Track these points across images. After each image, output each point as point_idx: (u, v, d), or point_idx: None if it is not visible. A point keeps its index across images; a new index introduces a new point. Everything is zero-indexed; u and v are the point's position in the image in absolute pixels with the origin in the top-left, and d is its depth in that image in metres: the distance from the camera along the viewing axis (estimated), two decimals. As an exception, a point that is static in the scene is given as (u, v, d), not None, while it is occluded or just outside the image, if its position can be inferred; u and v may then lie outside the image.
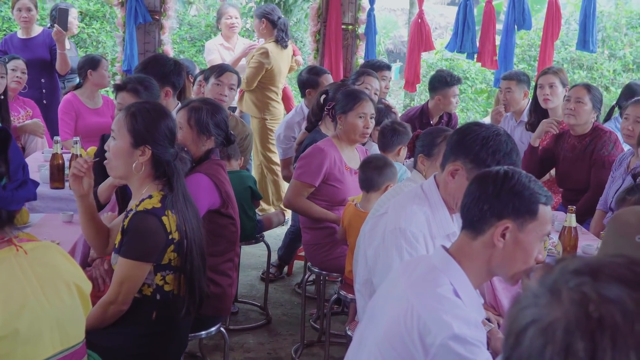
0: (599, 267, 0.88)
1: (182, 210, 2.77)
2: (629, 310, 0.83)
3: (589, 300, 0.85)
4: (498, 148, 2.57)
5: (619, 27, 11.33)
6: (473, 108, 10.93)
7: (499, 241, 1.99)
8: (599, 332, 0.83)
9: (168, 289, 2.79)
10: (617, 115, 5.58)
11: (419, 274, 2.04)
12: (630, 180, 4.12)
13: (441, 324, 1.84)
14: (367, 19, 7.32)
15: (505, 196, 2.00)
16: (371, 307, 2.18)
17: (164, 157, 2.78)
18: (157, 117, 2.81)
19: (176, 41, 10.74)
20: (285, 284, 5.62)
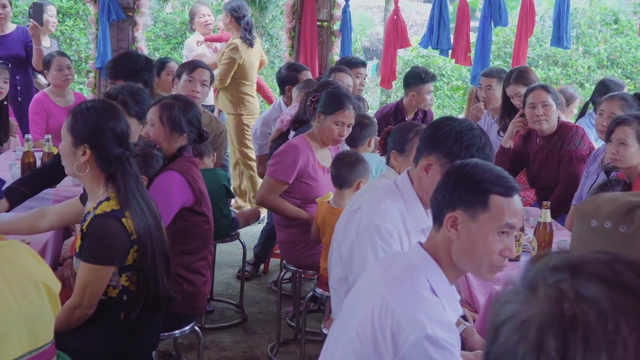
0: (579, 264, 0.86)
1: (137, 209, 2.70)
2: (603, 310, 0.81)
3: (564, 298, 0.83)
4: (472, 142, 2.55)
5: (593, 24, 11.41)
6: (449, 105, 10.96)
7: (449, 231, 1.99)
8: (571, 331, 0.81)
9: (134, 290, 2.75)
10: (591, 111, 5.60)
11: (395, 271, 2.02)
12: (604, 175, 4.14)
13: (415, 323, 1.82)
14: (342, 15, 7.30)
15: (454, 186, 2.01)
16: (347, 304, 2.16)
17: (106, 158, 2.71)
18: (98, 116, 2.73)
19: (150, 38, 10.67)
20: (261, 282, 5.59)
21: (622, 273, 0.83)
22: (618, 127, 3.73)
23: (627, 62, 10.91)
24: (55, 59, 5.56)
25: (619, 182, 3.78)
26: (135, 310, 2.72)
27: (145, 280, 2.73)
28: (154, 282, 2.74)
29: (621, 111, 4.16)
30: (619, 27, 11.43)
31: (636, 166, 3.74)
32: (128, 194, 2.69)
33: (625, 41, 11.07)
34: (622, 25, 11.41)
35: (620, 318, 0.80)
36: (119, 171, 2.71)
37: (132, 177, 2.74)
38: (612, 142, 3.74)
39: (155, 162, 3.38)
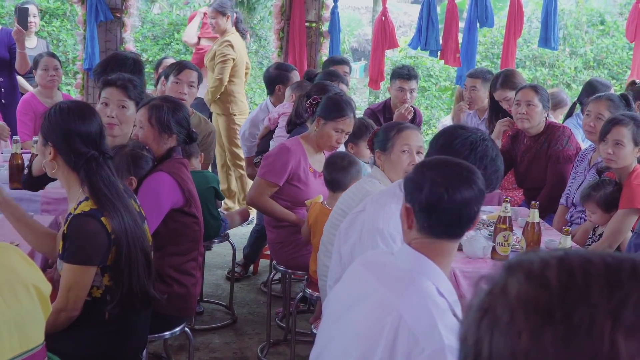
0: (523, 261, 0.88)
1: (110, 207, 2.69)
2: (509, 301, 0.83)
3: (490, 293, 0.87)
4: (485, 153, 2.61)
5: (580, 25, 11.47)
6: (437, 105, 10.98)
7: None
8: (483, 322, 0.85)
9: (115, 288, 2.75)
10: (578, 112, 5.64)
11: (399, 280, 1.99)
12: (592, 175, 4.17)
13: (432, 335, 1.80)
14: (330, 16, 7.32)
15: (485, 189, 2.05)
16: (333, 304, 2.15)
17: (69, 157, 2.72)
18: (62, 117, 2.74)
19: (138, 39, 10.64)
20: (251, 283, 5.59)
21: (549, 267, 0.85)
22: (614, 127, 3.75)
23: (613, 63, 10.98)
24: (43, 59, 5.56)
25: (611, 182, 3.81)
26: (110, 305, 2.71)
27: (119, 276, 2.72)
28: (128, 278, 2.73)
29: (608, 112, 4.19)
30: (605, 28, 11.49)
31: (628, 166, 3.77)
32: (97, 192, 2.69)
33: (612, 42, 11.13)
34: (608, 27, 11.48)
35: (519, 308, 0.82)
36: (83, 170, 2.72)
37: (101, 177, 2.72)
38: (607, 142, 3.76)
39: (145, 164, 3.38)
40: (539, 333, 0.80)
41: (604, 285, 0.81)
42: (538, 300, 0.82)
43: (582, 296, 0.81)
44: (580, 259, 0.85)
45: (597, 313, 0.79)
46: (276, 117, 5.32)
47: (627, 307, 0.79)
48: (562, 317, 0.80)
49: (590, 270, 0.83)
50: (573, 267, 0.84)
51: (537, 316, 0.81)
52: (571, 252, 0.88)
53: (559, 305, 0.81)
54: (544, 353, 0.79)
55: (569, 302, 0.81)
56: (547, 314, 0.81)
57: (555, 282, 0.83)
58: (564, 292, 0.81)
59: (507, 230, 3.33)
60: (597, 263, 0.84)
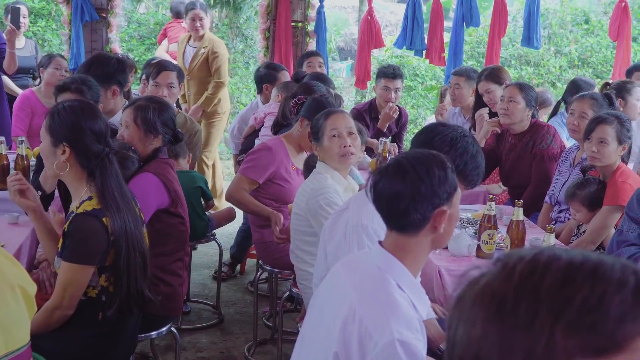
0: (513, 256, 0.90)
1: (114, 207, 2.71)
2: (475, 291, 0.88)
3: (470, 284, 0.90)
4: (466, 149, 2.65)
5: (565, 24, 11.54)
6: (423, 105, 11.02)
7: (441, 227, 2.03)
8: (455, 311, 0.90)
9: (113, 290, 2.75)
10: (562, 111, 5.68)
11: (362, 276, 2.04)
12: (577, 174, 4.20)
13: (384, 329, 1.84)
14: (317, 16, 7.33)
15: (439, 189, 2.02)
16: (315, 307, 2.17)
17: (85, 155, 2.73)
18: (74, 114, 2.75)
19: (124, 39, 10.61)
20: (238, 283, 5.60)
21: (522, 261, 0.87)
22: (599, 126, 3.78)
23: (597, 61, 11.05)
24: (56, 58, 5.56)
25: (595, 180, 3.84)
26: (110, 309, 2.72)
27: (117, 278, 2.73)
28: (126, 281, 2.74)
29: (591, 110, 4.23)
30: (589, 27, 11.57)
31: (612, 164, 3.80)
32: (106, 191, 2.71)
33: (596, 41, 11.21)
34: (592, 26, 11.55)
35: (479, 298, 0.86)
36: (99, 168, 2.74)
37: (113, 174, 2.75)
38: (591, 141, 3.79)
39: (131, 164, 3.38)
40: (490, 321, 0.84)
41: (557, 281, 0.83)
42: (497, 291, 0.85)
43: (533, 290, 0.83)
44: (550, 256, 0.87)
45: (542, 307, 0.82)
46: (262, 117, 5.34)
47: (572, 304, 0.81)
48: (511, 308, 0.83)
49: (550, 266, 0.85)
50: (538, 262, 0.86)
51: (491, 306, 0.85)
52: (549, 249, 0.89)
53: (511, 297, 0.84)
54: (491, 341, 0.83)
55: (520, 294, 0.83)
56: (500, 304, 0.84)
57: (517, 276, 0.85)
58: (519, 285, 0.84)
59: (492, 228, 3.36)
60: (563, 260, 0.86)
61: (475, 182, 2.74)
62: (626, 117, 3.90)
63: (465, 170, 2.66)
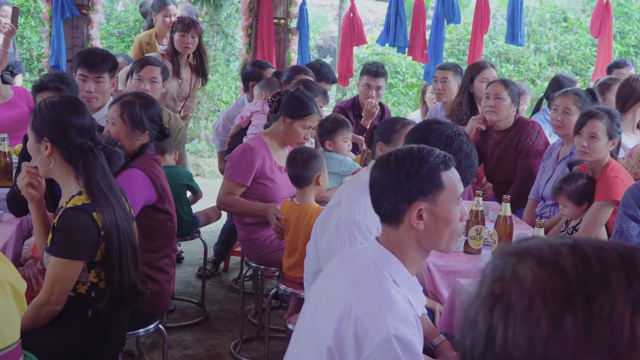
0: (530, 248, 0.88)
1: (103, 200, 2.68)
2: (525, 288, 0.83)
3: (500, 279, 0.87)
4: (460, 148, 2.65)
5: (544, 21, 11.62)
6: (404, 102, 11.05)
7: (418, 224, 2.01)
8: (496, 308, 0.85)
9: (103, 286, 2.73)
10: (545, 107, 5.72)
11: (358, 272, 2.04)
12: (561, 169, 4.22)
13: (379, 324, 1.84)
14: (299, 12, 7.32)
15: (405, 182, 2.02)
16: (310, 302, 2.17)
17: (67, 149, 2.71)
18: (55, 109, 2.74)
19: (104, 37, 10.52)
20: (222, 280, 5.58)
21: (561, 254, 0.85)
22: (589, 120, 3.79)
23: (576, 59, 11.14)
24: None
25: (582, 175, 3.86)
26: (102, 302, 2.70)
27: (109, 272, 2.71)
28: (119, 274, 2.72)
29: (575, 106, 4.25)
30: (568, 25, 11.65)
31: (602, 160, 3.82)
32: (91, 185, 2.68)
33: (575, 39, 11.29)
34: (571, 23, 11.63)
35: (537, 295, 0.82)
36: (81, 161, 2.71)
37: (97, 167, 2.72)
38: (582, 135, 3.80)
39: (117, 160, 3.36)
40: (559, 320, 0.80)
41: (622, 274, 0.82)
42: (556, 287, 0.82)
43: (602, 284, 0.81)
44: (592, 247, 0.85)
45: (618, 301, 0.80)
46: (248, 116, 5.31)
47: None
48: (583, 304, 0.80)
49: (605, 259, 0.84)
50: (587, 255, 0.84)
51: (557, 303, 0.81)
52: (580, 239, 0.88)
53: (578, 293, 0.81)
54: (564, 340, 0.80)
55: (588, 289, 0.81)
56: (566, 301, 0.81)
57: (571, 269, 0.83)
58: (583, 280, 0.82)
59: (479, 224, 3.37)
60: (610, 252, 0.85)
61: (468, 181, 2.74)
62: (617, 112, 3.92)
63: (458, 168, 2.65)
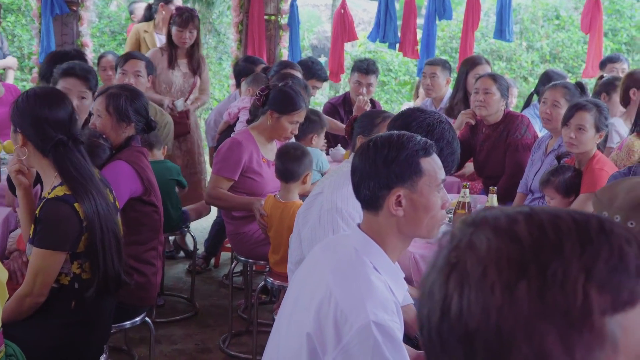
0: (487, 217, 0.87)
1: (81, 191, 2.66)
2: (480, 256, 0.83)
3: (456, 248, 0.86)
4: (442, 136, 2.65)
5: (536, 19, 11.64)
6: (397, 100, 11.05)
7: (397, 210, 2.00)
8: (451, 277, 0.84)
9: (86, 277, 2.72)
10: (535, 102, 5.72)
11: (340, 259, 2.03)
12: (549, 162, 4.22)
13: (359, 311, 1.83)
14: (290, 9, 7.31)
15: (383, 168, 2.01)
16: (291, 286, 2.17)
17: (37, 142, 2.70)
18: (28, 102, 2.74)
19: (95, 35, 10.51)
20: (213, 276, 5.57)
21: (517, 222, 0.84)
22: (577, 112, 3.80)
23: (568, 56, 11.16)
24: None
25: (569, 167, 3.86)
26: (87, 291, 2.69)
27: (94, 260, 2.70)
28: (103, 263, 2.71)
29: (564, 99, 4.26)
30: (560, 23, 11.68)
31: (589, 152, 3.83)
32: (67, 176, 2.67)
33: (567, 36, 11.32)
34: (563, 21, 11.66)
35: (492, 263, 0.81)
36: (52, 154, 2.70)
37: (72, 160, 2.70)
38: (569, 127, 3.80)
39: (102, 152, 3.35)
40: (513, 287, 0.80)
41: (576, 241, 0.81)
42: (510, 254, 0.81)
43: (556, 251, 0.81)
44: (548, 215, 0.85)
45: (571, 268, 0.79)
46: (236, 112, 5.30)
47: (599, 262, 0.80)
48: (536, 271, 0.80)
49: (560, 226, 0.83)
50: (543, 222, 0.84)
51: (511, 270, 0.80)
52: (537, 208, 0.88)
53: (532, 260, 0.80)
54: (518, 307, 0.79)
55: (542, 256, 0.80)
56: (521, 268, 0.80)
57: (526, 236, 0.82)
58: (537, 247, 0.81)
59: (466, 214, 3.37)
60: (565, 218, 0.84)
61: (450, 169, 2.73)
62: (604, 105, 3.93)
63: (440, 156, 2.65)
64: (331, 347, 1.84)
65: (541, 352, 0.78)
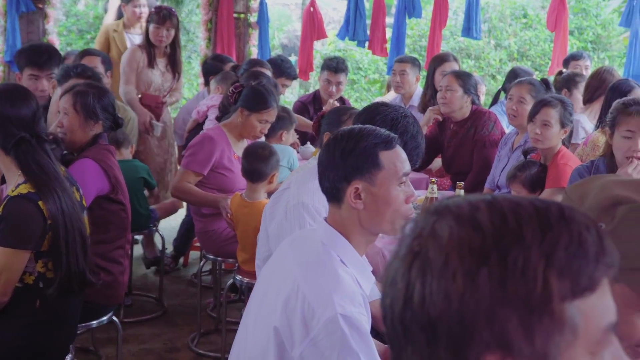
0: (449, 206, 0.88)
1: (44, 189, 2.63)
2: (442, 244, 0.83)
3: (419, 236, 0.86)
4: (406, 129, 2.65)
5: (504, 18, 11.74)
6: (367, 98, 11.08)
7: (356, 203, 2.00)
8: (414, 265, 0.84)
9: (51, 276, 2.69)
10: (502, 99, 5.77)
11: (306, 252, 2.03)
12: (516, 158, 4.27)
13: (326, 303, 1.83)
14: (259, 7, 7.30)
15: (341, 160, 2.01)
16: (259, 282, 2.16)
17: (0, 140, 2.66)
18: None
19: (63, 33, 10.39)
20: (181, 275, 5.54)
21: (479, 210, 0.85)
22: (543, 108, 3.85)
23: (536, 54, 11.28)
24: None
25: (535, 163, 3.90)
26: (50, 289, 2.65)
27: (57, 258, 2.67)
28: (66, 261, 2.68)
29: (529, 95, 4.31)
30: (528, 21, 11.79)
31: (554, 147, 3.88)
32: (29, 174, 2.64)
33: (534, 35, 11.43)
34: (530, 19, 11.78)
35: (453, 251, 0.82)
36: (13, 152, 2.66)
37: (33, 159, 2.66)
38: (535, 123, 3.85)
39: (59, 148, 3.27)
40: (474, 275, 0.80)
41: (536, 227, 0.82)
42: (472, 242, 0.82)
43: (516, 238, 0.81)
44: (510, 203, 0.86)
45: (531, 254, 0.80)
46: (205, 110, 5.29)
47: (559, 248, 0.81)
48: (497, 258, 0.80)
49: (521, 213, 0.84)
50: (504, 210, 0.84)
51: (472, 258, 0.81)
52: (499, 196, 0.88)
53: (493, 247, 0.81)
54: (479, 294, 0.80)
55: (503, 243, 0.81)
56: (481, 255, 0.81)
57: (488, 225, 0.83)
58: (498, 234, 0.82)
59: None
60: (526, 206, 0.85)
61: (415, 162, 2.74)
62: (569, 102, 3.99)
63: (405, 149, 2.66)
64: (299, 341, 1.84)
65: (502, 338, 0.79)
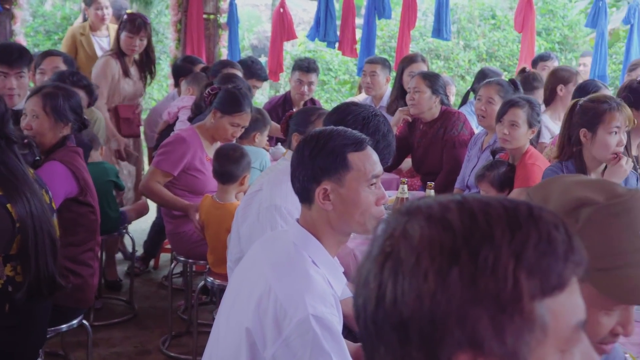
0: (420, 206, 0.89)
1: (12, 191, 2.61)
2: (413, 244, 0.84)
3: (390, 237, 0.87)
4: (377, 128, 2.67)
5: (473, 19, 11.83)
6: (337, 99, 11.10)
7: (324, 204, 2.00)
8: (386, 265, 0.85)
9: (20, 280, 2.65)
10: (472, 100, 5.81)
11: (278, 254, 2.03)
12: (485, 158, 4.30)
13: (298, 304, 1.83)
14: (229, 8, 7.28)
15: (310, 160, 2.02)
16: (231, 284, 2.16)
17: None
18: None
19: (30, 34, 10.27)
20: (152, 278, 5.50)
21: (449, 211, 0.86)
22: (510, 109, 3.88)
23: (504, 55, 11.38)
24: None
25: (503, 163, 3.94)
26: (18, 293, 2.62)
27: (25, 262, 2.63)
28: (35, 265, 2.65)
29: (498, 96, 4.35)
30: (496, 22, 11.89)
31: (522, 147, 3.91)
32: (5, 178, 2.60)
33: (503, 35, 11.53)
34: (499, 20, 11.88)
35: (425, 250, 0.83)
36: None
37: (2, 162, 2.62)
38: (503, 123, 3.88)
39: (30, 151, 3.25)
40: (445, 274, 0.81)
41: (505, 227, 0.83)
42: (443, 242, 0.83)
43: (486, 237, 0.82)
44: (479, 203, 0.87)
45: (501, 253, 0.81)
46: (175, 111, 5.27)
47: (528, 247, 0.82)
48: (468, 257, 0.81)
49: (490, 213, 0.85)
50: (474, 210, 0.85)
51: (443, 257, 0.82)
52: (469, 196, 0.89)
53: (464, 246, 0.82)
54: (450, 293, 0.80)
55: (473, 243, 0.82)
56: (452, 255, 0.82)
57: (458, 224, 0.84)
58: (468, 234, 0.83)
59: None
60: (495, 206, 0.86)
61: (386, 161, 2.76)
62: (537, 102, 4.02)
63: (376, 149, 2.68)
64: (271, 342, 1.84)
65: (473, 336, 0.80)
